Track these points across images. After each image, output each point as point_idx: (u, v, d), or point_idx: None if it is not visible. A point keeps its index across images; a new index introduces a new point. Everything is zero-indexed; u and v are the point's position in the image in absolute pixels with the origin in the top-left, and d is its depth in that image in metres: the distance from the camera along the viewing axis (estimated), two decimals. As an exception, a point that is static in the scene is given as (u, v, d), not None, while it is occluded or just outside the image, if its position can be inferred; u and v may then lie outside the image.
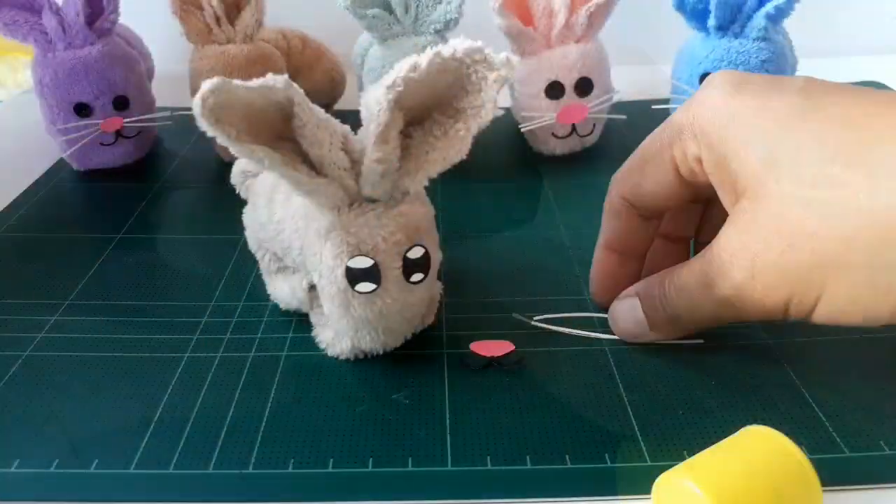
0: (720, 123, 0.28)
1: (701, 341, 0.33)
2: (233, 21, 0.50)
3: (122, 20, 0.50)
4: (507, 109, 0.53)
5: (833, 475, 0.26)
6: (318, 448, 0.29)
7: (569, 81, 0.49)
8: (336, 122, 0.28)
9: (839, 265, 0.25)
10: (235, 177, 0.38)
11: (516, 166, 0.52)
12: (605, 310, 0.34)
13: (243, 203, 0.37)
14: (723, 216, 0.29)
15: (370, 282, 0.29)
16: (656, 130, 0.32)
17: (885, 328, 0.26)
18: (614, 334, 0.34)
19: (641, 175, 0.32)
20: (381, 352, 0.33)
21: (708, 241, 0.30)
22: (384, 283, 0.29)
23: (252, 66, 0.50)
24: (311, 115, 0.27)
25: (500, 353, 0.33)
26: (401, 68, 0.26)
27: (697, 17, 0.48)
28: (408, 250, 0.30)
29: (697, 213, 0.35)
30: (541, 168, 0.52)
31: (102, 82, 0.48)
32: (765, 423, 0.25)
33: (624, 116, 0.53)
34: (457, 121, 0.28)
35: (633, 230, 0.34)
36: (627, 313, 0.33)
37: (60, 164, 0.53)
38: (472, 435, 0.29)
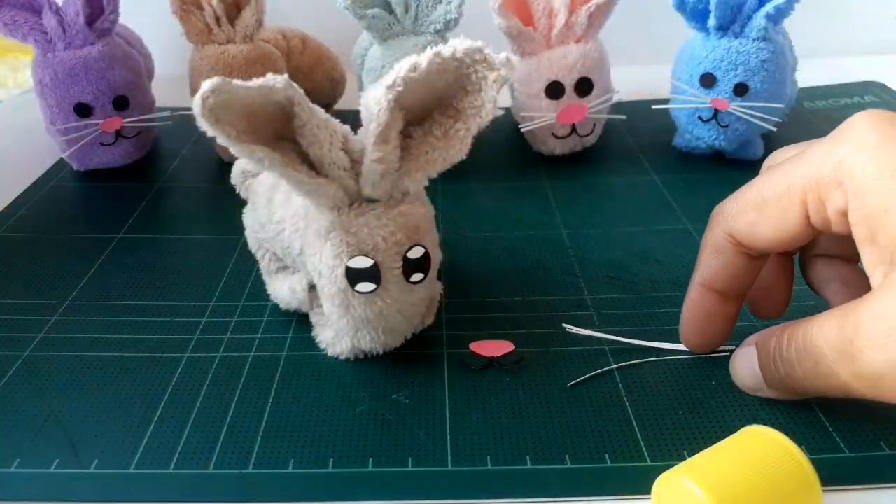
0: (879, 172, 0.23)
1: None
2: (233, 21, 0.50)
3: (122, 20, 0.50)
4: (507, 109, 0.53)
5: (833, 475, 0.26)
6: (318, 448, 0.29)
7: (569, 81, 0.49)
8: (336, 122, 0.28)
9: None
10: (235, 177, 0.38)
11: (516, 166, 0.52)
12: (696, 353, 0.32)
13: (243, 203, 0.37)
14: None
15: (370, 282, 0.29)
16: (783, 166, 0.27)
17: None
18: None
19: (759, 215, 0.27)
20: (381, 352, 0.33)
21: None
22: (384, 283, 0.29)
23: (252, 66, 0.50)
24: (311, 115, 0.27)
25: (500, 353, 0.33)
26: (401, 68, 0.26)
27: (697, 17, 0.48)
28: (408, 250, 0.29)
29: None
30: (541, 168, 0.52)
31: (102, 82, 0.48)
32: (765, 423, 0.25)
33: (624, 116, 0.53)
34: (457, 121, 0.28)
35: (739, 269, 0.30)
36: (745, 364, 0.30)
37: (60, 164, 0.53)
38: (472, 435, 0.29)
